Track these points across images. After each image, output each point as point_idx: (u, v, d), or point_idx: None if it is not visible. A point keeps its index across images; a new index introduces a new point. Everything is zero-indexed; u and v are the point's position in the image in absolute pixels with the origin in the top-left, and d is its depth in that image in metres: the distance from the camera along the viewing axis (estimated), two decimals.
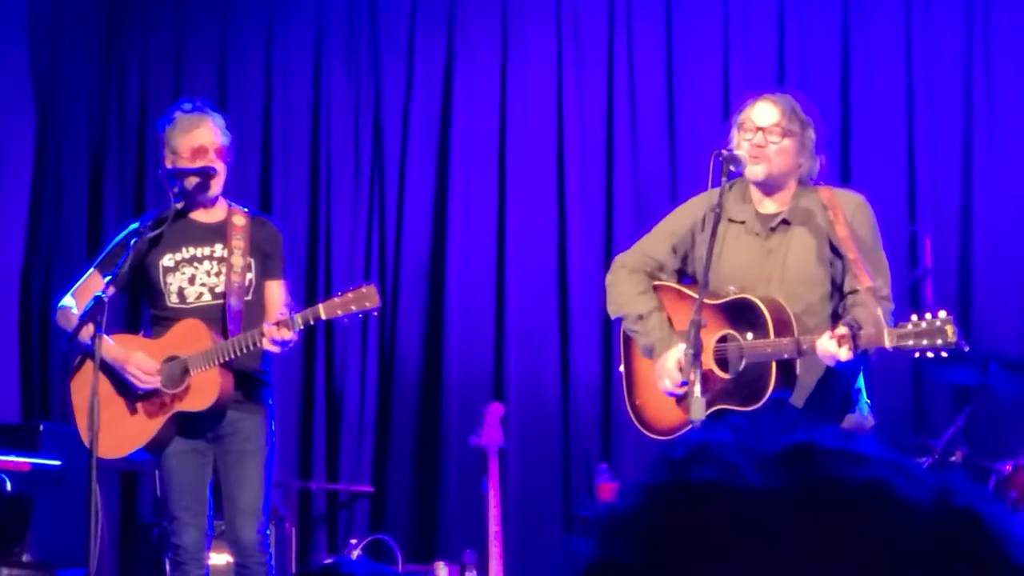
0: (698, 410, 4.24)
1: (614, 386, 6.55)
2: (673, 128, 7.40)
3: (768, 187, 4.54)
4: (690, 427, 4.49)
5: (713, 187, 4.57)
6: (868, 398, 4.56)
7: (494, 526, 6.32)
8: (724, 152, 4.48)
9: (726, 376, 4.42)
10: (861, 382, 4.53)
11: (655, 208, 6.92)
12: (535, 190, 7.47)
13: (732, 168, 4.48)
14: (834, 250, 4.48)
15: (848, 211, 4.49)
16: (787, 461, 0.90)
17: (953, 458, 5.71)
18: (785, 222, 4.53)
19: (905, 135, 7.16)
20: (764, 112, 4.52)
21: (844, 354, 4.16)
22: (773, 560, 0.85)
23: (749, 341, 4.40)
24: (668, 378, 4.49)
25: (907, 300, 6.35)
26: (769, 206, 4.56)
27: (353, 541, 6.83)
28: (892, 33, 7.23)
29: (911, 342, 4.11)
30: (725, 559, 0.86)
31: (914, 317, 4.13)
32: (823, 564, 0.85)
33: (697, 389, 4.24)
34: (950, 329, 4.08)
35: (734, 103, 4.71)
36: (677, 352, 4.46)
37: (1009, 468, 5.69)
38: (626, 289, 4.67)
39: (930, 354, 4.11)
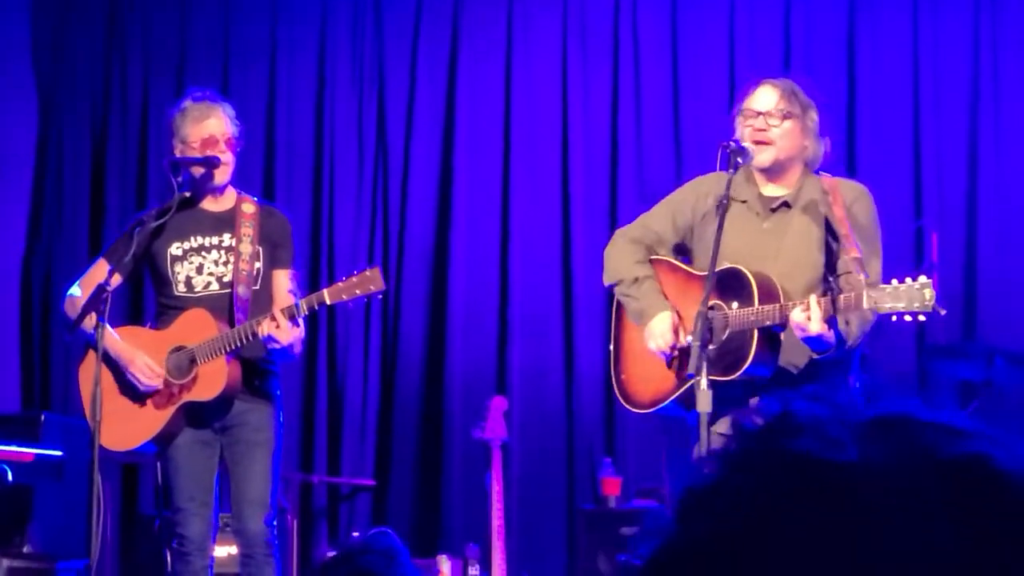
0: (705, 403, 4.23)
1: None
2: (678, 118, 7.39)
3: (774, 172, 4.56)
4: (668, 402, 4.52)
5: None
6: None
7: (497, 520, 6.30)
8: (731, 144, 4.48)
9: (710, 346, 4.42)
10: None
11: (660, 199, 6.91)
12: (539, 182, 7.46)
13: (739, 160, 4.48)
14: (831, 236, 4.48)
15: (848, 198, 4.51)
16: (884, 434, 0.87)
17: None
18: (786, 205, 4.55)
19: (911, 130, 7.15)
20: (763, 96, 4.55)
21: (815, 326, 4.15)
22: (877, 533, 0.83)
23: (734, 310, 4.40)
24: (661, 338, 4.50)
25: None
26: (773, 189, 4.59)
27: (355, 534, 6.80)
28: (898, 26, 7.21)
29: (888, 304, 4.13)
30: (826, 532, 0.83)
31: (894, 280, 4.15)
32: (929, 537, 0.82)
33: (704, 381, 4.22)
34: (928, 293, 4.10)
35: (740, 94, 4.70)
36: (669, 315, 4.50)
37: None
38: (623, 256, 4.72)
39: (908, 317, 4.13)
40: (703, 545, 0.87)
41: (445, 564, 6.62)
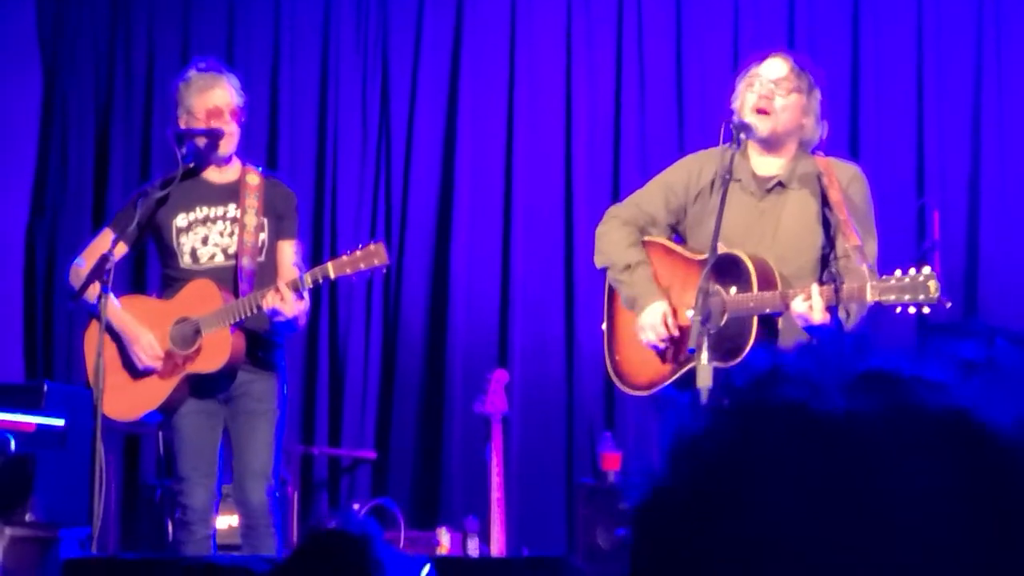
0: (705, 377, 4.23)
1: None
2: (681, 95, 7.38)
3: (768, 145, 4.54)
4: (666, 385, 4.52)
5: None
6: None
7: (496, 492, 6.32)
8: (734, 120, 4.47)
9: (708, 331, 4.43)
10: None
11: None
12: (542, 156, 7.46)
13: (742, 136, 4.48)
14: (826, 217, 4.48)
15: (844, 180, 4.50)
16: (871, 387, 0.89)
17: None
18: (781, 184, 4.53)
19: (915, 106, 7.14)
20: (773, 66, 4.54)
21: (817, 316, 4.15)
22: (863, 480, 0.84)
23: (732, 295, 4.40)
24: (652, 331, 4.50)
25: None
26: (766, 167, 4.56)
27: (356, 506, 6.82)
28: (903, 1, 7.20)
29: (893, 296, 4.12)
30: (812, 479, 0.85)
31: (898, 271, 4.13)
32: (914, 484, 0.84)
33: (704, 356, 4.23)
34: (933, 285, 4.09)
35: (747, 63, 4.69)
36: (662, 306, 4.49)
37: None
38: (615, 239, 4.69)
39: (912, 309, 4.12)
40: (691, 490, 0.88)
41: (444, 536, 6.64)
